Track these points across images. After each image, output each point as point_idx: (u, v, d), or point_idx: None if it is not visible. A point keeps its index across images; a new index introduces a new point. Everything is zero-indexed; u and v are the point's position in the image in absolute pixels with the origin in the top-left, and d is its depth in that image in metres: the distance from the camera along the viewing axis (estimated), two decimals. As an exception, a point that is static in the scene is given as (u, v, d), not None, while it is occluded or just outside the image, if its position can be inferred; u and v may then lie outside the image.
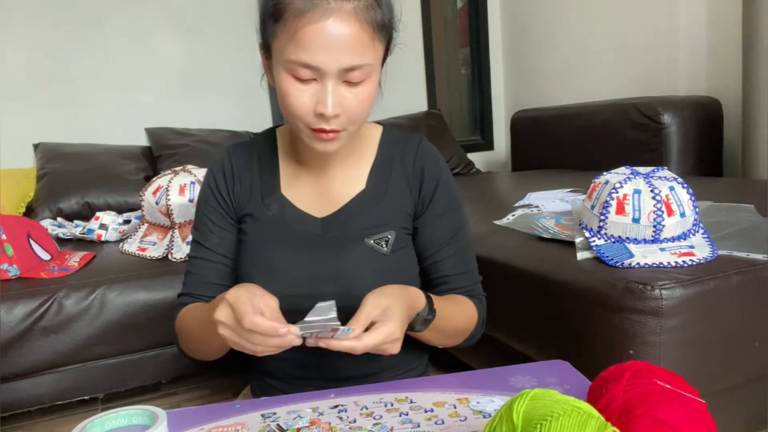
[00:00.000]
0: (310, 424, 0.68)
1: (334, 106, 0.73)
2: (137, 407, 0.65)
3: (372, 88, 0.76)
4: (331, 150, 0.79)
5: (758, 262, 1.05)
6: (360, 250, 0.86)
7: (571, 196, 1.77)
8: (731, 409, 1.11)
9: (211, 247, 0.90)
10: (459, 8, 3.60)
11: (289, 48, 0.72)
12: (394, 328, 0.68)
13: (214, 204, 0.91)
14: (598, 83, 2.81)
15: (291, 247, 0.86)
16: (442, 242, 0.90)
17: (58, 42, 2.63)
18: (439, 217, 0.90)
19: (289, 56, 0.72)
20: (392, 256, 0.87)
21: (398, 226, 0.89)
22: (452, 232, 0.91)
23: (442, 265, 0.90)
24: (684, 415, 0.54)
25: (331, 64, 0.71)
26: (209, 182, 0.92)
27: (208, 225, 0.90)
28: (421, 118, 3.14)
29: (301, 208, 0.89)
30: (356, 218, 0.88)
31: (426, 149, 0.92)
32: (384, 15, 0.75)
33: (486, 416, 0.68)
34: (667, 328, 0.98)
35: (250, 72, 1.17)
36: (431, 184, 0.90)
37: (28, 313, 1.52)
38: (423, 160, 0.90)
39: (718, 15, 2.31)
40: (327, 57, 0.71)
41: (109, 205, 2.39)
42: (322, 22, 0.69)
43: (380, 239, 0.87)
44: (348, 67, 0.72)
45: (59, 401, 1.64)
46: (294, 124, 0.78)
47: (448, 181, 0.92)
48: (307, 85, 0.73)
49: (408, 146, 0.91)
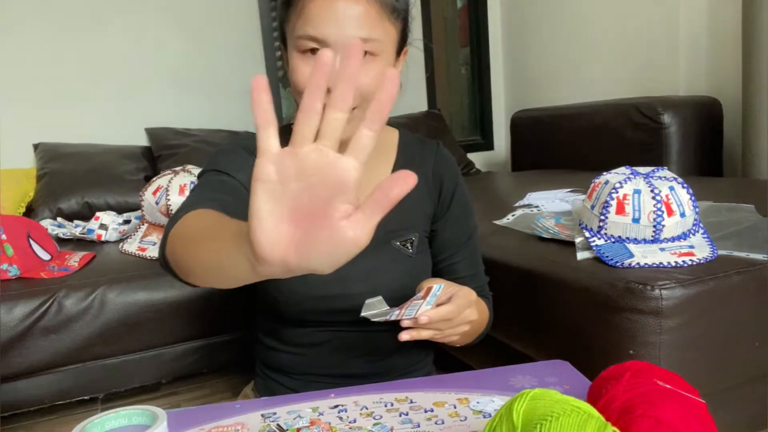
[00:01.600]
0: (310, 424, 0.68)
1: None
2: (137, 407, 0.65)
3: (382, 65, 0.75)
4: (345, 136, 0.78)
5: (758, 262, 1.05)
6: (388, 251, 0.88)
7: (571, 196, 1.77)
8: (731, 409, 1.11)
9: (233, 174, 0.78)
10: (459, 8, 3.60)
11: (297, 25, 0.73)
12: (469, 291, 0.71)
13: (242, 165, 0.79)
14: (598, 83, 2.81)
15: None
16: (458, 244, 0.93)
17: (58, 42, 2.63)
18: (457, 220, 0.93)
19: (298, 32, 0.73)
20: (416, 257, 0.90)
21: (420, 228, 0.91)
22: (467, 234, 0.94)
23: (457, 267, 0.93)
24: (684, 415, 0.54)
25: (337, 36, 0.71)
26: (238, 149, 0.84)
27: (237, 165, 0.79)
28: (421, 118, 3.14)
29: None
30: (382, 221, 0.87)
31: (443, 155, 0.94)
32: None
33: (486, 416, 0.68)
34: (667, 328, 0.98)
35: (250, 72, 1.17)
36: (450, 188, 0.93)
37: (28, 313, 1.52)
38: (441, 165, 0.93)
39: (718, 15, 2.31)
40: (333, 30, 0.71)
41: (109, 205, 2.39)
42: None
43: (405, 241, 0.89)
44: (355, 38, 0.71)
45: (59, 401, 1.64)
46: None
47: (463, 185, 0.95)
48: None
49: (426, 151, 0.93)
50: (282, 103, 3.09)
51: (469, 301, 0.71)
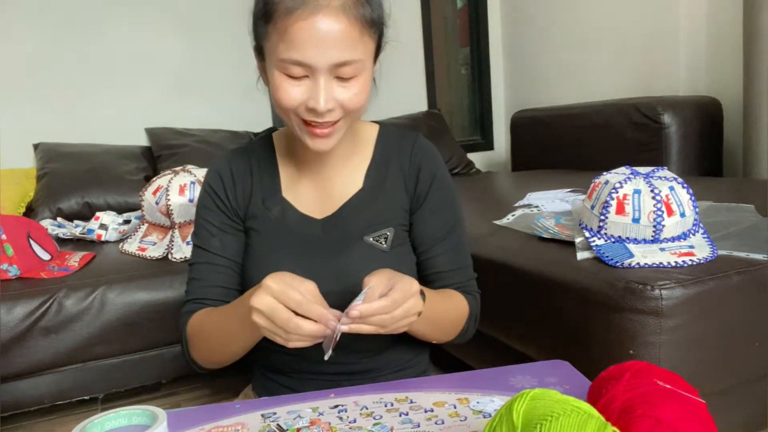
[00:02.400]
0: (310, 424, 0.68)
1: (326, 101, 0.74)
2: (137, 407, 0.65)
3: (364, 83, 0.77)
4: (326, 148, 0.80)
5: (758, 262, 1.05)
6: (360, 248, 0.87)
7: (571, 196, 1.77)
8: (731, 409, 1.11)
9: (213, 250, 0.89)
10: (459, 8, 3.60)
11: (280, 47, 0.72)
12: (409, 283, 0.70)
13: (213, 208, 0.90)
14: (598, 83, 2.81)
15: (293, 249, 0.87)
16: (436, 238, 0.91)
17: (58, 42, 2.63)
18: (433, 213, 0.91)
19: (281, 55, 0.73)
20: (391, 252, 0.88)
21: (396, 223, 0.90)
22: (447, 228, 0.92)
23: (436, 261, 0.91)
24: (684, 415, 0.54)
25: (321, 60, 0.72)
26: (208, 187, 0.92)
27: (209, 229, 0.90)
28: (421, 118, 3.14)
29: (301, 210, 0.89)
30: (355, 217, 0.89)
31: (422, 145, 0.92)
32: (373, 11, 0.75)
33: (486, 416, 0.68)
34: (667, 328, 0.98)
35: (250, 72, 1.16)
36: (427, 179, 0.91)
37: (28, 313, 1.52)
38: (419, 156, 0.91)
39: (718, 15, 2.31)
40: (317, 53, 0.71)
41: (109, 205, 2.39)
42: (311, 19, 0.70)
43: (379, 236, 0.88)
44: (338, 62, 0.72)
45: (59, 401, 1.64)
46: (288, 120, 0.79)
47: (444, 178, 0.92)
48: (299, 81, 0.74)
49: (404, 143, 0.92)
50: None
51: (407, 293, 0.69)
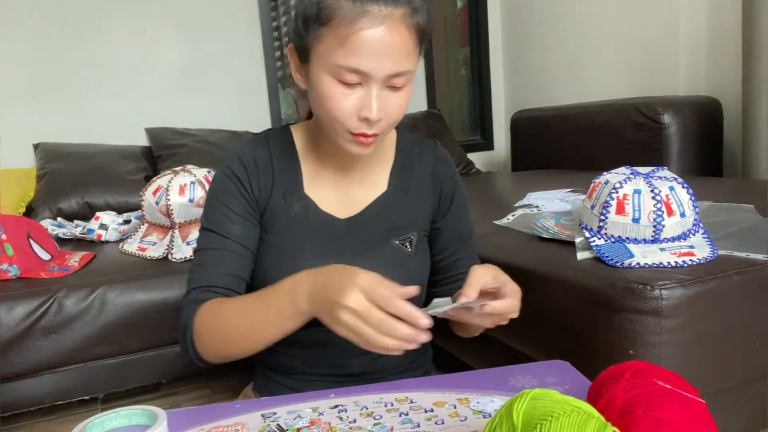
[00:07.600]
0: (310, 424, 0.68)
1: (378, 111, 0.74)
2: (137, 407, 0.65)
3: (410, 92, 0.79)
4: (365, 153, 0.81)
5: (758, 262, 1.05)
6: (385, 250, 0.88)
7: (571, 196, 1.77)
8: (731, 409, 1.11)
9: (232, 237, 0.84)
10: (459, 8, 3.60)
11: (338, 53, 0.72)
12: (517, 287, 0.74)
13: (236, 194, 0.85)
14: (598, 83, 2.81)
15: (316, 247, 0.86)
16: (462, 241, 0.96)
17: (58, 42, 2.63)
18: (459, 219, 0.95)
19: (338, 61, 0.72)
20: (415, 256, 0.90)
21: (419, 228, 0.92)
22: (468, 231, 0.97)
23: (460, 263, 0.95)
24: (684, 415, 0.54)
25: (379, 70, 0.72)
26: (230, 172, 0.86)
27: (229, 215, 0.84)
28: (421, 118, 3.14)
29: (323, 208, 0.89)
30: (380, 219, 0.90)
31: (441, 154, 0.96)
32: (424, 20, 0.76)
33: (486, 416, 0.68)
34: (667, 328, 0.98)
35: (250, 72, 1.16)
36: (450, 188, 0.94)
37: (28, 313, 1.52)
38: (440, 165, 0.94)
39: (718, 15, 2.31)
40: (376, 63, 0.72)
41: (109, 205, 2.39)
42: (374, 29, 0.70)
43: (404, 240, 0.90)
44: (394, 73, 0.73)
45: (59, 401, 1.64)
46: (331, 127, 0.78)
47: (461, 184, 0.97)
48: (351, 89, 0.74)
49: (425, 151, 0.95)
50: (281, 103, 3.09)
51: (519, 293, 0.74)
